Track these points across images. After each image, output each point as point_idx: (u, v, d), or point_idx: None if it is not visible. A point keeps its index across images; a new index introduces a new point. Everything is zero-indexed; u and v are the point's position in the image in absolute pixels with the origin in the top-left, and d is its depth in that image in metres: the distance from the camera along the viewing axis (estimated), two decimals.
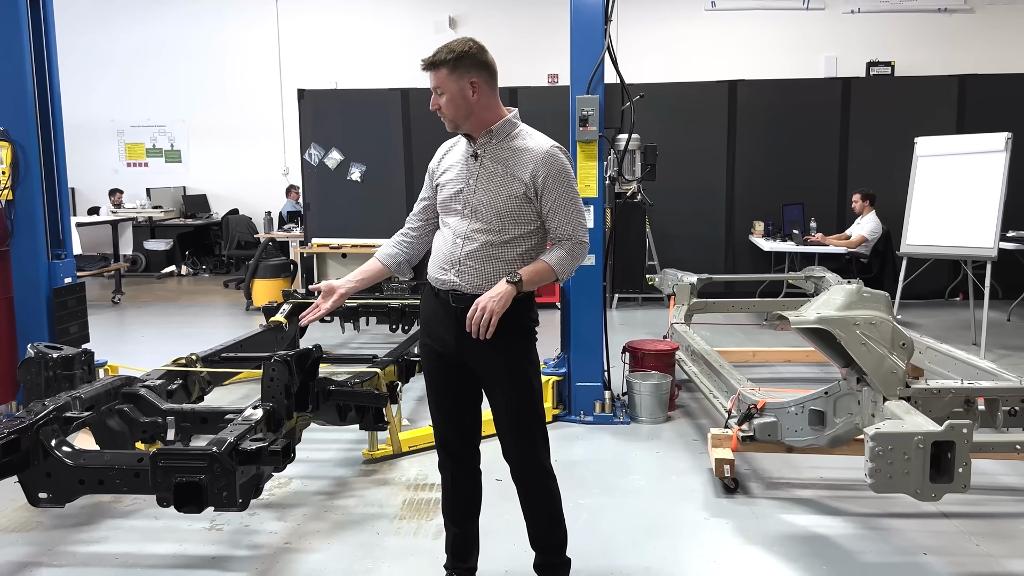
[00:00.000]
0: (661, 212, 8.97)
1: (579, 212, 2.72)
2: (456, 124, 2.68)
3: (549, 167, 2.63)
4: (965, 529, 3.53)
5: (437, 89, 2.64)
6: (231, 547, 3.44)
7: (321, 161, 9.84)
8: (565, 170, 2.67)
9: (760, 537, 3.49)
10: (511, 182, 2.64)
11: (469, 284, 2.67)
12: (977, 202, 6.96)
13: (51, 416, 3.17)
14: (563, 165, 2.67)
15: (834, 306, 3.42)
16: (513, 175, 2.64)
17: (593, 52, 4.90)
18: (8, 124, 5.07)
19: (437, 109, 2.67)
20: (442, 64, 2.60)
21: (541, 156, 2.64)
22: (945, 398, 3.51)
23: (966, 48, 11.33)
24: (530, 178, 2.63)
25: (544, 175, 2.63)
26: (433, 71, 2.62)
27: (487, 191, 2.66)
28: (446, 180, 2.76)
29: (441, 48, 2.63)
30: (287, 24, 12.60)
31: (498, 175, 2.65)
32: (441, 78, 2.61)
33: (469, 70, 2.62)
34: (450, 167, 2.77)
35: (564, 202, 2.67)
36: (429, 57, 2.63)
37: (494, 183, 2.65)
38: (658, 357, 5.36)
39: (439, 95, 2.64)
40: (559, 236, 2.71)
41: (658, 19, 11.81)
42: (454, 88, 2.62)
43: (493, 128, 2.68)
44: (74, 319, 5.36)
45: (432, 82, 2.64)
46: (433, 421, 2.90)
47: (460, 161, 2.75)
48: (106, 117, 13.04)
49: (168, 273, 12.55)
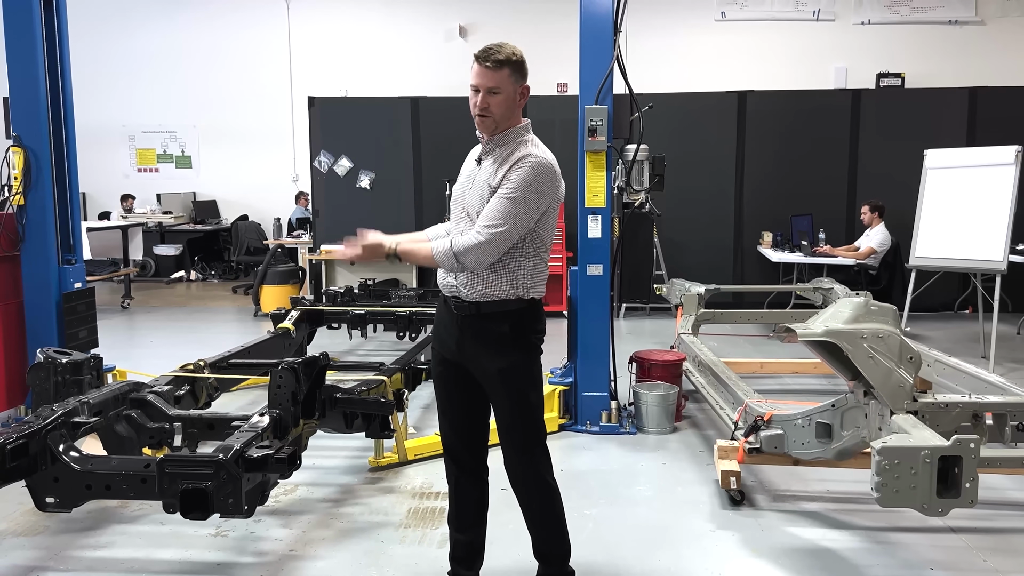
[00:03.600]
0: (670, 221, 8.97)
1: (506, 216, 2.55)
2: (496, 126, 2.65)
3: (519, 167, 2.58)
4: (973, 544, 3.51)
5: (493, 89, 2.60)
6: (236, 554, 3.45)
7: (331, 168, 9.88)
8: (531, 176, 2.56)
9: (766, 550, 3.47)
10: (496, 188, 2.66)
11: (465, 287, 2.68)
12: (987, 215, 6.93)
13: (59, 421, 3.19)
14: (533, 172, 2.57)
15: (842, 319, 3.41)
16: (499, 179, 2.63)
17: (602, 62, 4.92)
18: (21, 130, 5.12)
19: (485, 108, 2.61)
20: (507, 64, 2.60)
21: (521, 157, 2.60)
22: (953, 412, 3.49)
23: (977, 60, 11.30)
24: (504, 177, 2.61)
25: (511, 171, 2.59)
26: (496, 69, 2.59)
27: (478, 196, 2.68)
28: (456, 184, 2.84)
29: (500, 48, 2.60)
30: (298, 31, 12.67)
31: (488, 181, 2.67)
32: (503, 77, 2.60)
33: (524, 77, 2.66)
34: (462, 172, 2.84)
35: (503, 197, 2.57)
36: (494, 54, 2.58)
37: (483, 187, 2.68)
38: (665, 367, 5.35)
39: (492, 94, 2.60)
40: (476, 226, 2.59)
41: (668, 29, 11.83)
42: (511, 90, 2.63)
43: (496, 137, 2.70)
44: (83, 324, 5.39)
45: (487, 80, 2.59)
46: (440, 427, 2.92)
47: (470, 166, 2.81)
48: (117, 122, 13.12)
49: (177, 278, 12.60)
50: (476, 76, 2.62)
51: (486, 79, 2.60)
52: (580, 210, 5.01)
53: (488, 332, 2.69)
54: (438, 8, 12.27)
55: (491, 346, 2.68)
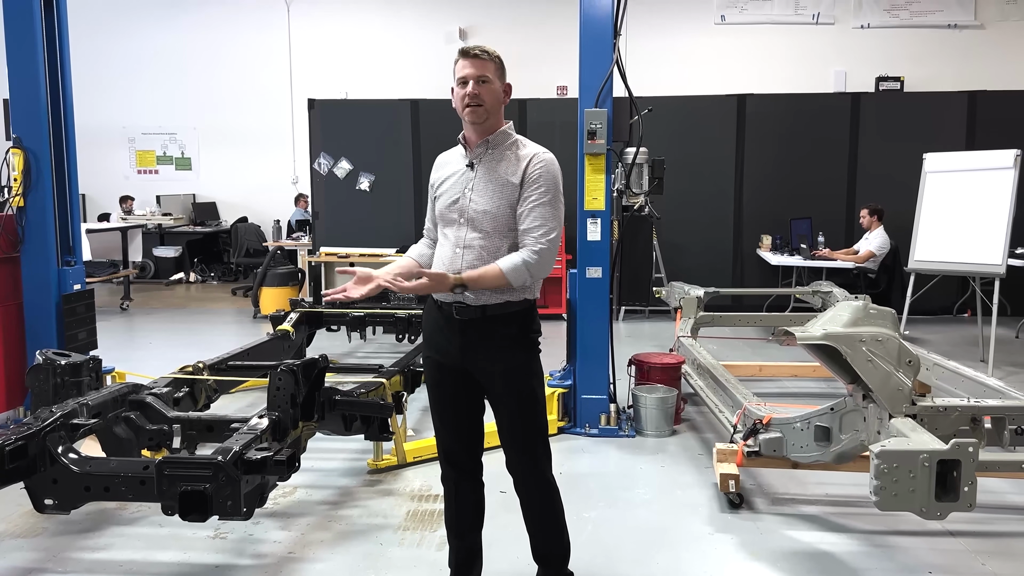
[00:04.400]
0: (669, 224, 8.98)
1: (553, 220, 2.68)
2: (487, 116, 2.68)
3: (537, 167, 2.68)
4: (971, 548, 3.51)
5: (483, 77, 2.65)
6: (235, 556, 3.45)
7: (330, 170, 9.88)
8: (552, 174, 2.69)
9: (765, 553, 3.47)
10: (507, 189, 2.68)
11: (476, 294, 2.67)
12: (986, 219, 6.94)
13: (58, 423, 3.19)
14: (552, 169, 2.69)
15: (840, 322, 3.42)
16: (508, 181, 2.68)
17: (602, 66, 4.92)
18: (21, 131, 5.12)
19: (476, 95, 2.64)
20: (491, 58, 2.68)
21: (531, 157, 2.70)
22: (951, 416, 3.49)
23: (976, 64, 11.32)
24: (519, 179, 2.67)
25: (530, 174, 2.67)
26: (484, 59, 2.66)
27: (485, 200, 2.68)
28: (443, 191, 2.79)
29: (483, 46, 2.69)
30: (298, 34, 12.69)
31: (494, 183, 2.68)
32: (491, 68, 2.67)
33: (505, 75, 2.73)
34: (447, 178, 2.80)
35: (542, 204, 2.66)
36: (481, 48, 2.67)
37: (490, 191, 2.68)
38: (664, 370, 5.35)
39: (482, 83, 2.65)
40: (524, 240, 2.67)
41: (667, 32, 11.85)
42: (498, 84, 2.70)
43: (490, 138, 2.72)
44: (83, 325, 5.39)
45: (475, 70, 2.64)
46: (436, 433, 2.91)
47: (456, 171, 2.78)
48: (118, 124, 13.13)
49: (177, 280, 12.60)
50: (465, 68, 2.66)
51: (476, 68, 2.65)
52: (580, 213, 5.02)
53: (495, 334, 2.70)
54: (438, 11, 12.29)
55: (498, 347, 2.70)
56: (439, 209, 2.80)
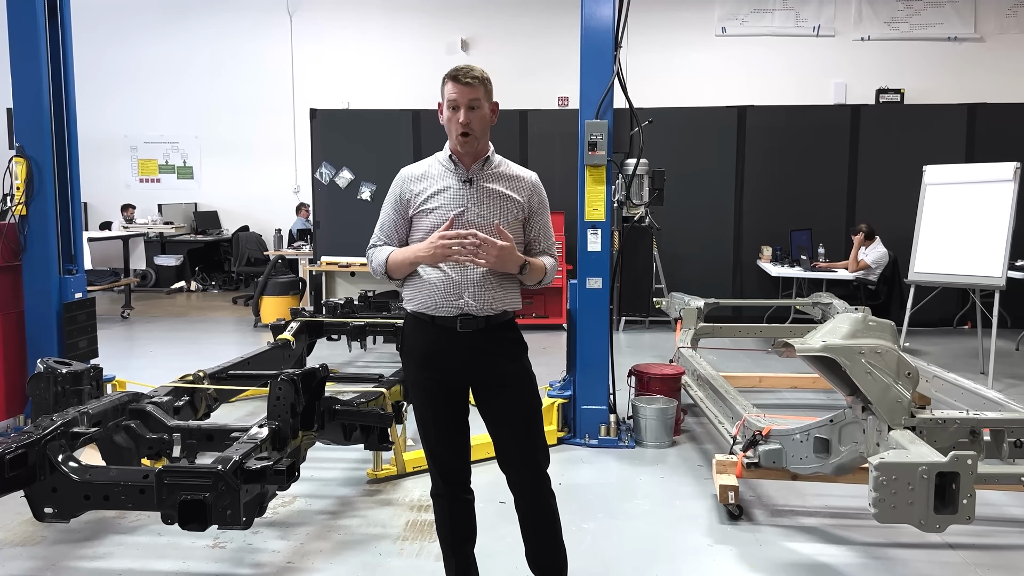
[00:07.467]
0: (669, 235, 8.99)
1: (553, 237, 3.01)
2: (477, 142, 2.70)
3: (540, 194, 2.87)
4: (971, 560, 3.51)
5: (473, 102, 2.65)
6: (234, 565, 3.45)
7: (332, 180, 9.91)
8: (546, 199, 2.92)
9: (764, 564, 3.47)
10: (513, 204, 2.76)
11: (483, 305, 2.68)
12: (986, 231, 6.95)
13: (58, 431, 3.20)
14: (545, 195, 2.92)
15: (840, 334, 3.43)
16: (514, 198, 2.77)
17: (603, 78, 4.95)
18: (24, 140, 5.14)
19: (467, 124, 2.65)
20: (482, 82, 2.68)
21: (533, 183, 2.86)
22: (950, 428, 3.49)
23: (976, 76, 11.36)
24: (526, 201, 2.80)
25: (537, 200, 2.85)
26: (475, 84, 2.65)
27: (492, 213, 2.72)
28: (434, 206, 2.72)
29: (472, 67, 2.69)
30: (301, 44, 12.73)
31: (495, 197, 2.74)
32: (481, 93, 2.67)
33: (492, 94, 2.75)
34: (438, 192, 2.74)
35: (548, 226, 2.95)
36: (470, 71, 2.66)
37: (495, 205, 2.73)
38: (664, 381, 5.36)
39: (472, 109, 2.65)
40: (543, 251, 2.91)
41: (668, 44, 11.89)
42: (486, 107, 2.72)
43: (488, 155, 2.78)
44: (83, 334, 5.40)
45: (467, 95, 2.64)
46: (431, 453, 2.85)
47: (449, 186, 2.73)
48: (120, 133, 13.17)
49: (178, 289, 12.62)
50: (454, 92, 2.65)
51: (468, 93, 2.65)
52: (580, 223, 5.03)
53: (500, 341, 2.75)
54: (440, 21, 12.33)
55: (506, 355, 2.76)
56: (430, 225, 2.72)
